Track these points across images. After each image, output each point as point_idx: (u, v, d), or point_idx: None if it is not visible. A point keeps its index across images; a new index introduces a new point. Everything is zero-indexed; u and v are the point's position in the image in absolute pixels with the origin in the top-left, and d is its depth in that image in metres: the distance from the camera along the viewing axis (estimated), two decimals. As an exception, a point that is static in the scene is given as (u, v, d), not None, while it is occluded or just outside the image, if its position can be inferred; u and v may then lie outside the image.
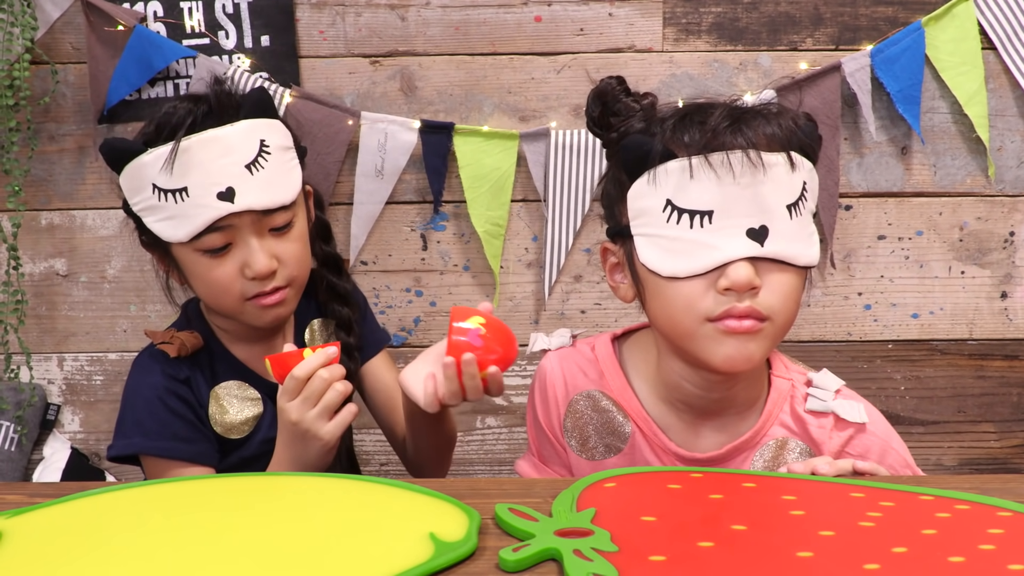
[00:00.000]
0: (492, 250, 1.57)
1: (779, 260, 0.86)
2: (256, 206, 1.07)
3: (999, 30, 1.52)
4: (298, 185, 1.13)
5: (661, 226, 0.87)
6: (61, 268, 1.61)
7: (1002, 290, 1.61)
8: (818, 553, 0.63)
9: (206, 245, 1.08)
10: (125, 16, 1.50)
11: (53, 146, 1.57)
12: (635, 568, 0.61)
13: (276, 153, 1.11)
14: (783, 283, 0.87)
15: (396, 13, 1.55)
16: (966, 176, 1.58)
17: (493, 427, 1.64)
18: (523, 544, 0.65)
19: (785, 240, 0.86)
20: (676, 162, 0.86)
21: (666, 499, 0.75)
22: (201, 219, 1.06)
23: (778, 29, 1.55)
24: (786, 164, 0.86)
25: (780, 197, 0.86)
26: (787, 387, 0.98)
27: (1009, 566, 0.60)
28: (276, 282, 1.10)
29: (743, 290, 0.85)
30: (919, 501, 0.74)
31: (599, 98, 0.95)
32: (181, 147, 1.05)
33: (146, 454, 1.13)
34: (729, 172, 0.84)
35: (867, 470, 0.85)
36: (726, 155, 0.84)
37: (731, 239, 0.85)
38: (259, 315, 1.12)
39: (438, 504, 0.74)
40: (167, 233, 1.08)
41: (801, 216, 0.87)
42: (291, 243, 1.12)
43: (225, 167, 1.06)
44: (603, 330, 1.62)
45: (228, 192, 1.06)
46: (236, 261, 1.09)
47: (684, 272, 0.86)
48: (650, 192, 0.87)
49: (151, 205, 1.08)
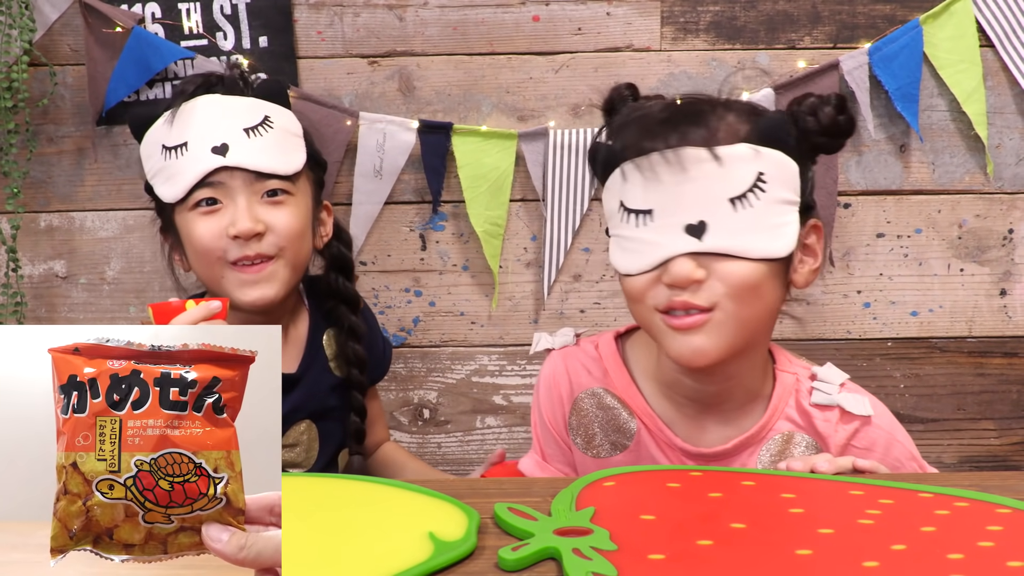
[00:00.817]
0: (491, 250, 1.57)
1: (723, 254, 0.86)
2: (248, 164, 1.08)
3: (997, 27, 1.52)
4: (298, 165, 1.13)
5: (619, 226, 0.91)
6: (60, 270, 1.61)
7: (1001, 287, 1.61)
8: (817, 551, 0.63)
9: (195, 199, 1.09)
10: (123, 17, 1.50)
11: (52, 148, 1.57)
12: (634, 567, 0.61)
13: (280, 131, 1.12)
14: (731, 273, 0.86)
15: (394, 13, 1.55)
16: (965, 174, 1.59)
17: (492, 427, 1.64)
18: (522, 543, 0.65)
19: (728, 234, 0.86)
20: (617, 166, 0.90)
21: (665, 498, 0.75)
22: (193, 172, 1.08)
23: (776, 27, 1.55)
24: (710, 159, 0.86)
25: (718, 191, 0.86)
26: (792, 381, 0.98)
27: (1008, 563, 0.60)
28: (262, 248, 1.09)
29: (683, 285, 0.86)
30: (918, 499, 0.74)
31: (609, 105, 0.98)
32: (186, 106, 1.09)
33: None
34: (653, 173, 0.87)
35: (867, 468, 0.85)
36: (648, 158, 0.87)
37: (671, 236, 0.87)
38: (239, 287, 1.10)
39: (437, 503, 0.74)
40: (167, 193, 1.10)
41: (752, 208, 0.86)
42: (284, 214, 1.11)
43: (224, 126, 1.09)
44: (603, 329, 1.62)
45: (222, 147, 1.08)
46: (223, 220, 1.09)
47: (635, 269, 0.90)
48: (608, 196, 0.93)
49: (158, 168, 1.11)
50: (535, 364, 1.61)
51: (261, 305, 1.12)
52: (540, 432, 1.07)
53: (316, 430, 1.21)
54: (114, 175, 1.58)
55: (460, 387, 1.63)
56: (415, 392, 1.63)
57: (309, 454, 1.21)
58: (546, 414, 1.05)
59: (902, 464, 0.95)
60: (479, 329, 1.60)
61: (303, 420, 1.20)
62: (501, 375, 1.62)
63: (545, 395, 1.05)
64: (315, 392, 1.21)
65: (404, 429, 1.64)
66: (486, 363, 1.62)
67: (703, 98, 0.93)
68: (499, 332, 1.61)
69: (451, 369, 1.63)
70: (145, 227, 1.57)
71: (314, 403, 1.21)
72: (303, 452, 1.21)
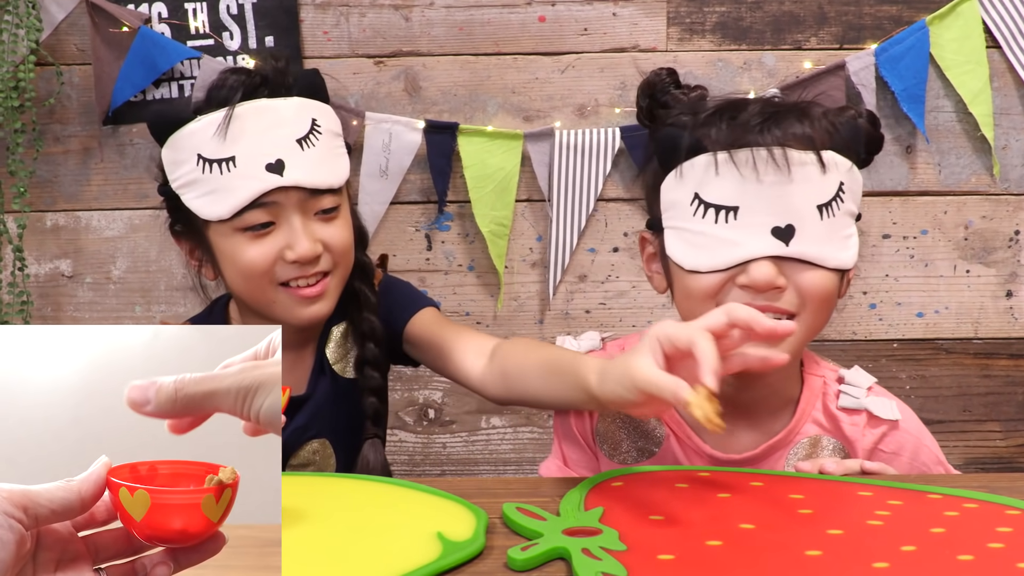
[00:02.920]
0: (496, 250, 1.57)
1: (805, 260, 0.85)
2: (305, 183, 1.00)
3: (1004, 28, 1.52)
4: (346, 173, 1.07)
5: (688, 219, 0.87)
6: (66, 269, 1.62)
7: (1007, 289, 1.61)
8: (827, 552, 0.63)
9: (247, 222, 1.00)
10: (130, 17, 1.50)
11: (58, 147, 1.58)
12: (644, 567, 0.61)
13: (327, 135, 1.05)
14: (811, 282, 0.86)
15: (400, 13, 1.55)
16: (971, 175, 1.58)
17: (497, 427, 1.64)
18: (531, 543, 0.65)
19: (813, 241, 0.85)
20: (703, 156, 0.86)
21: (674, 498, 0.75)
22: (246, 192, 0.99)
23: (782, 28, 1.55)
24: (816, 164, 0.85)
25: (810, 197, 0.85)
26: (819, 384, 0.97)
27: (1018, 564, 0.60)
28: (319, 267, 1.03)
29: (763, 289, 0.84)
30: (927, 500, 0.73)
31: (648, 90, 0.94)
32: (233, 114, 0.99)
33: None
34: (753, 170, 0.84)
35: (875, 470, 0.84)
36: (751, 153, 0.84)
37: (755, 237, 0.84)
38: (293, 308, 1.04)
39: (446, 504, 0.74)
40: (206, 210, 1.01)
41: (834, 217, 0.86)
42: (338, 229, 1.04)
43: (277, 138, 1.00)
44: (608, 331, 1.62)
45: (278, 164, 0.99)
46: (277, 242, 1.01)
47: (706, 267, 0.86)
48: (679, 185, 0.88)
49: (193, 179, 1.01)
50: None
51: (316, 323, 1.07)
52: (563, 437, 1.03)
53: (331, 447, 1.18)
54: (120, 175, 1.58)
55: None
56: (420, 392, 1.63)
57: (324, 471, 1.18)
58: (574, 421, 1.01)
59: (929, 468, 0.94)
60: (484, 329, 1.60)
61: (315, 439, 1.17)
62: (506, 375, 1.62)
63: None
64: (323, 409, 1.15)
65: (409, 429, 1.64)
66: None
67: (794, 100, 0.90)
68: (504, 332, 1.61)
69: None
70: (151, 227, 1.57)
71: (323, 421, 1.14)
72: (316, 471, 1.17)
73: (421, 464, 1.65)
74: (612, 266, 1.60)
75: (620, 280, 1.60)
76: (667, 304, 1.61)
